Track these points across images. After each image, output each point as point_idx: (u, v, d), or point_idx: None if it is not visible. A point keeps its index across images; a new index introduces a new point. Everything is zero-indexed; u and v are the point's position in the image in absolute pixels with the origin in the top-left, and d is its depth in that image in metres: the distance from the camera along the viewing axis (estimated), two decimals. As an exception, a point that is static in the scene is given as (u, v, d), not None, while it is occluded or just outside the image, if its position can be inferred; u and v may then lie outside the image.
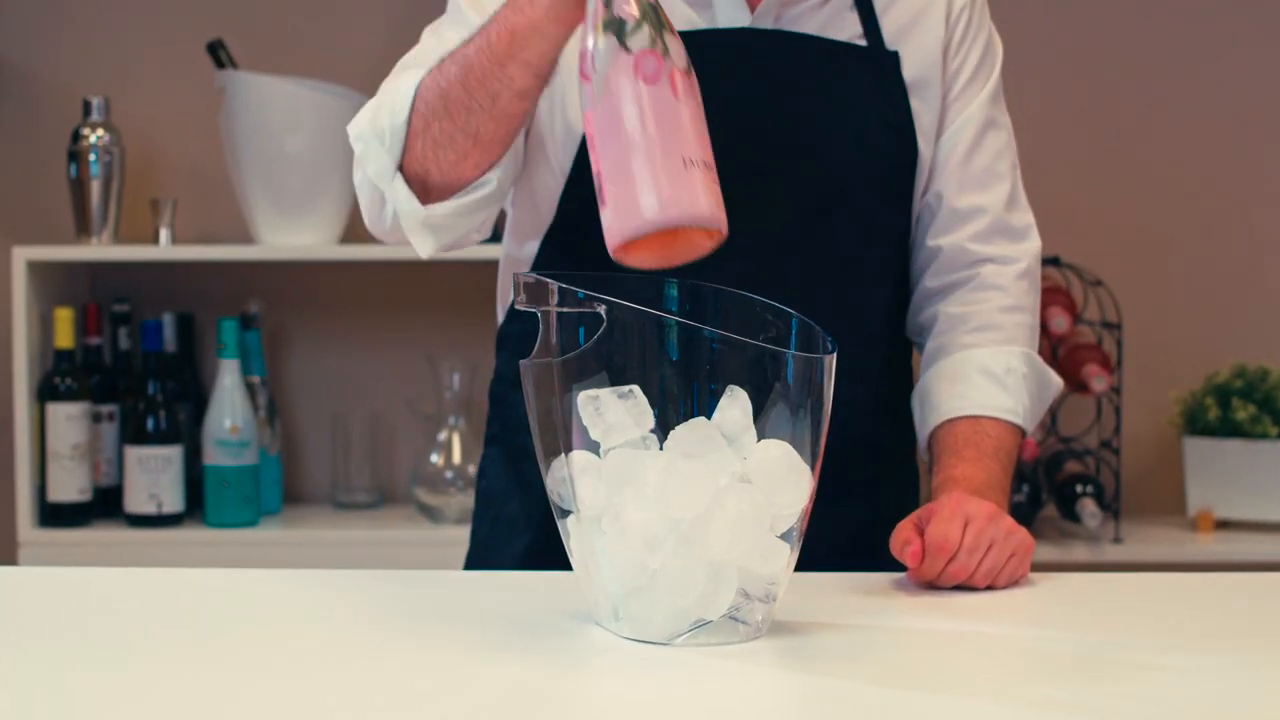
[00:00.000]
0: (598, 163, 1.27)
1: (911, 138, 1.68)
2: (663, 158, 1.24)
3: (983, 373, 1.68)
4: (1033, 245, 1.76)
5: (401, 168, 1.55)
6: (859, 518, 1.66)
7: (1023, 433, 1.69)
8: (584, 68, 1.28)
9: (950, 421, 1.67)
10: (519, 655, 1.24)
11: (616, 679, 1.20)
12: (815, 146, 1.64)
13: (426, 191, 1.56)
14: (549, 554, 1.50)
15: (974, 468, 1.60)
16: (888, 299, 1.71)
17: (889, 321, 1.73)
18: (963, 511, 1.49)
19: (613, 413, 1.25)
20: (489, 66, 1.46)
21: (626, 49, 1.25)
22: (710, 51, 1.61)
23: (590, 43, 1.28)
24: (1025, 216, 1.76)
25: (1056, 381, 1.75)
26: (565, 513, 1.30)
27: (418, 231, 1.57)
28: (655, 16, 1.27)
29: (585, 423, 1.26)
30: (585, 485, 1.27)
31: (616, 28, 1.26)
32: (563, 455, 1.27)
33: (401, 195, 1.55)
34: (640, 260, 1.30)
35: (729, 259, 1.34)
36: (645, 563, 1.23)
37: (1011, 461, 1.66)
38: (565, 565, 1.33)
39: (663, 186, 1.24)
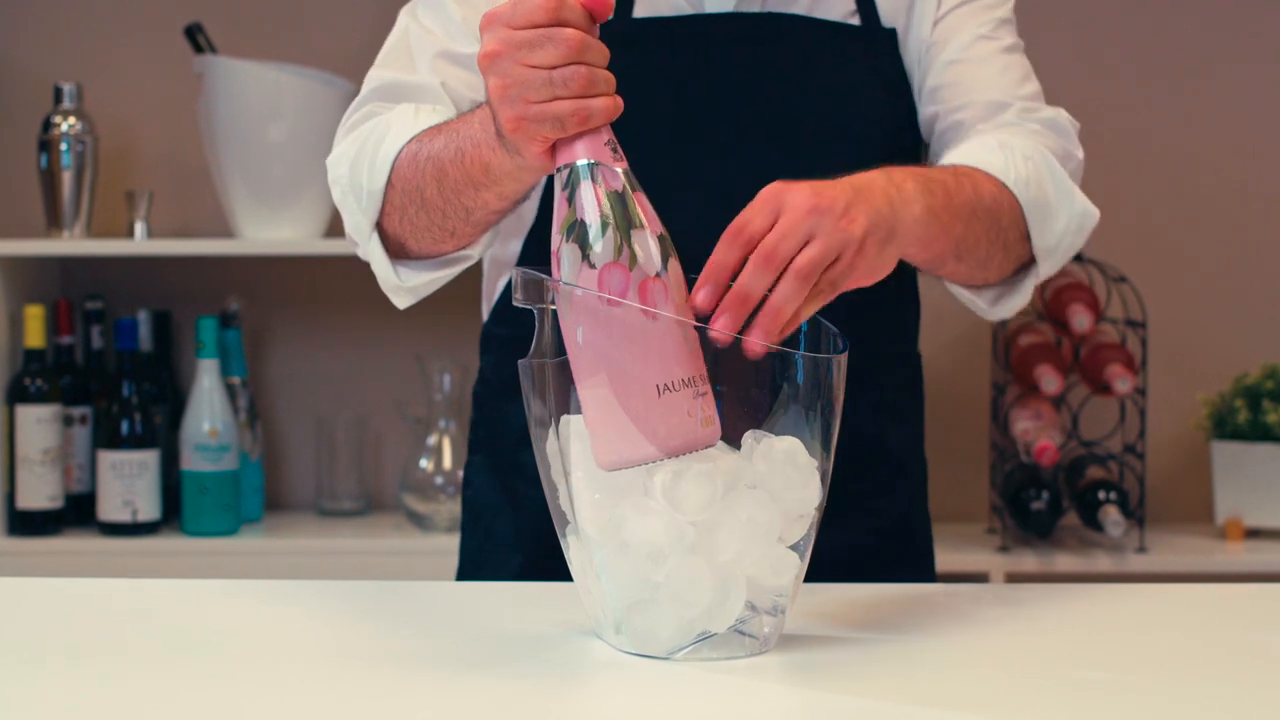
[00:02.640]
0: (574, 374, 1.24)
1: (912, 124, 1.67)
2: (630, 393, 1.21)
3: (977, 144, 1.57)
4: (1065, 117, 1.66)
5: (379, 222, 1.55)
6: (864, 527, 1.65)
7: (1013, 197, 1.52)
8: (554, 270, 1.24)
9: None
10: (514, 669, 1.24)
11: (616, 694, 1.20)
12: (806, 137, 1.62)
13: (405, 251, 1.56)
14: (544, 577, 1.50)
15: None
16: (887, 295, 1.69)
17: (889, 319, 1.71)
18: (778, 199, 1.26)
19: None
20: (462, 183, 1.43)
21: (590, 263, 1.21)
22: (696, 39, 1.61)
23: (555, 244, 1.24)
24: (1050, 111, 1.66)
25: (1082, 201, 1.59)
26: (566, 520, 1.30)
27: (393, 291, 1.59)
28: (622, 211, 1.22)
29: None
30: (585, 493, 1.27)
31: (580, 234, 1.22)
32: (560, 457, 1.28)
33: (377, 258, 1.56)
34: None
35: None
36: (648, 575, 1.23)
37: (971, 192, 1.44)
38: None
39: (627, 429, 1.21)
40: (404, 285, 1.57)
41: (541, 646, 1.30)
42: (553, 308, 1.26)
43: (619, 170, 1.24)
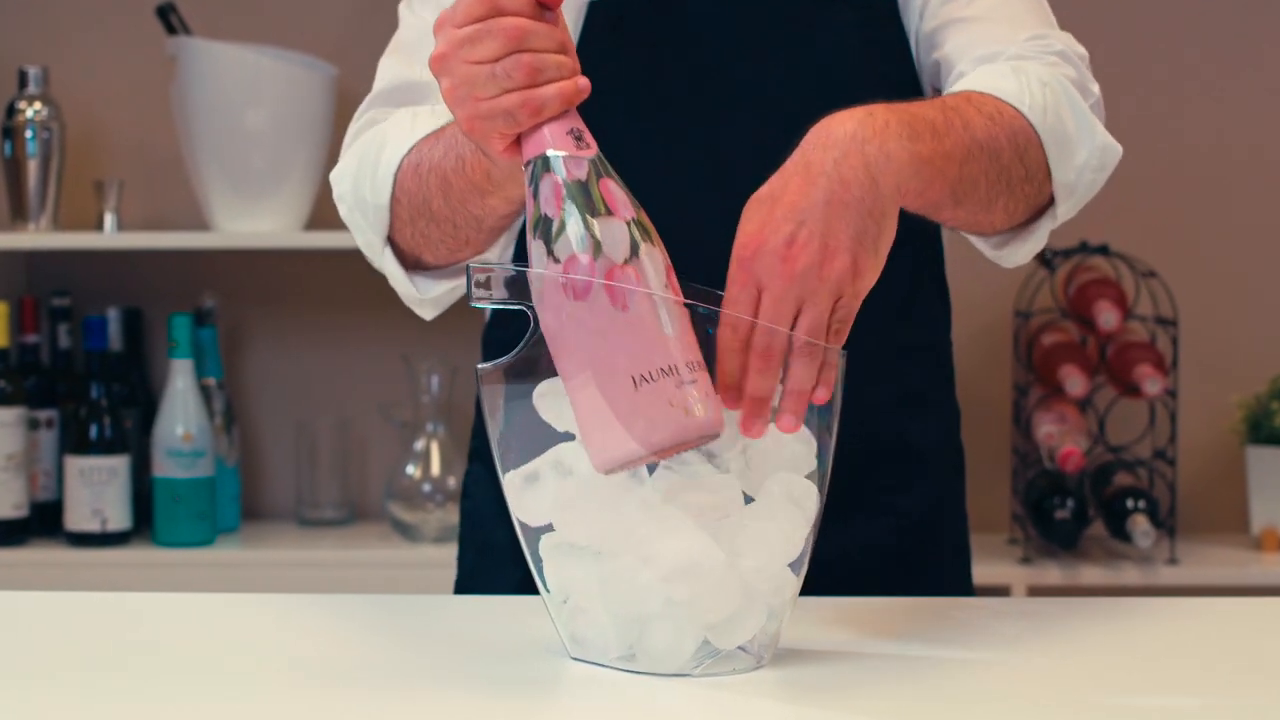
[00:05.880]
0: (562, 377, 1.25)
1: (915, 90, 1.64)
2: (607, 388, 1.21)
3: (989, 69, 1.52)
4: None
5: (391, 236, 1.57)
6: (883, 526, 1.64)
7: (1026, 124, 1.46)
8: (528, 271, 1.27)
9: None
10: (497, 688, 1.24)
11: (602, 714, 1.20)
12: (798, 111, 1.60)
13: (421, 264, 1.58)
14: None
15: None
16: (900, 279, 1.66)
17: (908, 308, 1.69)
18: (751, 276, 1.24)
19: None
20: (468, 192, 1.45)
21: (554, 257, 1.22)
22: (682, 17, 1.61)
23: (528, 243, 1.25)
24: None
25: (1103, 135, 1.53)
26: (537, 536, 1.29)
27: (416, 305, 1.61)
28: (585, 200, 1.23)
29: (548, 418, 1.26)
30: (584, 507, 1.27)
31: (544, 230, 1.23)
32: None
33: (395, 273, 1.57)
34: (635, 462, 1.25)
35: (707, 248, 1.32)
36: (682, 590, 1.23)
37: (961, 129, 1.39)
38: None
39: (610, 426, 1.21)
40: (425, 297, 1.59)
41: (525, 664, 1.30)
42: (512, 305, 1.26)
43: (583, 159, 1.24)
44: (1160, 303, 3.02)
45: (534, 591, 1.51)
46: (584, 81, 1.25)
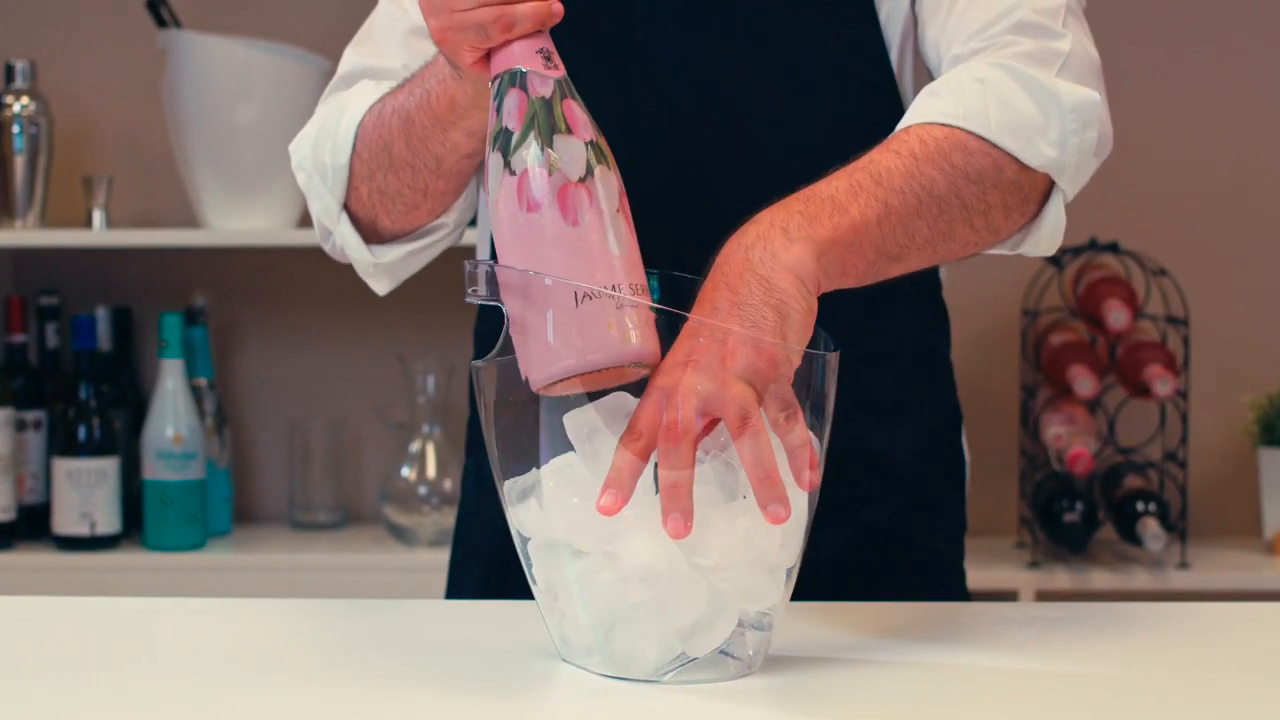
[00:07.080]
0: (501, 291, 1.27)
1: (890, 92, 1.62)
2: (548, 301, 1.23)
3: (921, 95, 1.50)
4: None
5: (348, 204, 1.58)
6: (844, 538, 1.62)
7: (965, 137, 1.44)
8: (484, 183, 1.30)
9: None
10: (491, 692, 1.24)
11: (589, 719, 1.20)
12: (768, 115, 1.59)
13: (377, 232, 1.60)
14: (504, 586, 1.49)
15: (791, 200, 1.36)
16: (864, 288, 1.62)
17: (870, 312, 1.63)
18: (660, 392, 1.24)
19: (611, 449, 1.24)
20: (430, 128, 1.48)
21: (510, 170, 1.26)
22: (647, 16, 1.60)
23: (486, 156, 1.29)
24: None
25: (1072, 95, 1.50)
26: (527, 537, 1.29)
27: (370, 275, 1.62)
28: (546, 117, 1.26)
29: (578, 448, 1.26)
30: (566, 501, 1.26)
31: (503, 142, 1.27)
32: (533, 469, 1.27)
33: (350, 239, 1.59)
34: (569, 386, 1.27)
35: (674, 245, 1.32)
36: (639, 592, 1.22)
37: (872, 187, 1.38)
38: (517, 597, 1.33)
39: (547, 340, 1.23)
40: (380, 261, 1.60)
41: (512, 670, 1.30)
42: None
43: (550, 78, 1.28)
44: (1171, 302, 3.01)
45: (499, 590, 1.51)
46: (558, 6, 1.30)
